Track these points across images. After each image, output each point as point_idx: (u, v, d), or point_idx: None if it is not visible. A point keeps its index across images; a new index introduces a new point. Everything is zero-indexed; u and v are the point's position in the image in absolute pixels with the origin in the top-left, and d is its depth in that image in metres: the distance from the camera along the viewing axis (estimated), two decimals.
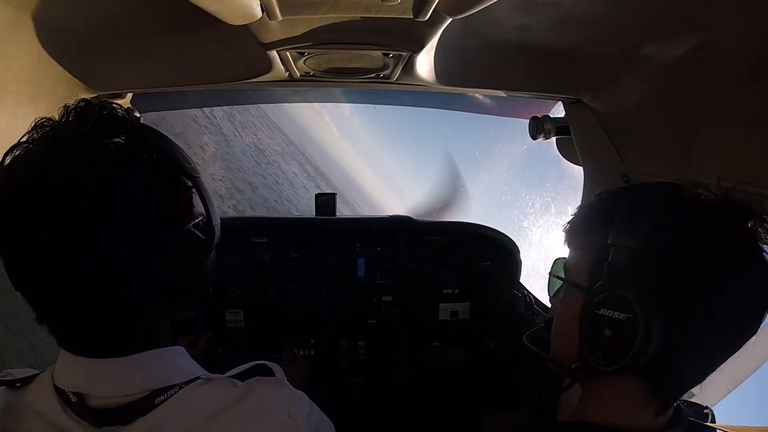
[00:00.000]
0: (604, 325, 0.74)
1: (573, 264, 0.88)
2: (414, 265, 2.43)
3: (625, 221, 0.74)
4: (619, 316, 0.72)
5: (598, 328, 0.75)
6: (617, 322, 0.72)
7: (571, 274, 0.87)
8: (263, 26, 1.02)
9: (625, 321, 0.71)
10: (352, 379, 2.49)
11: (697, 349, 0.72)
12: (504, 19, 1.17)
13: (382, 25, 1.01)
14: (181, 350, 0.85)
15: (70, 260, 0.66)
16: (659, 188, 0.78)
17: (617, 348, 0.72)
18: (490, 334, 2.39)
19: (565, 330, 0.87)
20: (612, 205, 0.81)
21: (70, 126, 0.70)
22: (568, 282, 0.87)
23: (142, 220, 0.71)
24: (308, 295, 2.38)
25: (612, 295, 0.73)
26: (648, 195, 0.76)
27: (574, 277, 0.86)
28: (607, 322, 0.74)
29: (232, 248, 2.29)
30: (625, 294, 0.71)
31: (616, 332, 0.73)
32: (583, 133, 1.61)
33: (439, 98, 2.28)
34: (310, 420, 0.84)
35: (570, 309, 0.84)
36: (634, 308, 0.70)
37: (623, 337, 0.71)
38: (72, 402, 0.73)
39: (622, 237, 0.74)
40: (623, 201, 0.78)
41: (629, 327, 0.70)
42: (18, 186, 0.66)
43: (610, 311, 0.73)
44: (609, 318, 0.73)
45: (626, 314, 0.71)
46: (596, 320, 0.75)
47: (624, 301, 0.71)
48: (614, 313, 0.73)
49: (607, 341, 0.74)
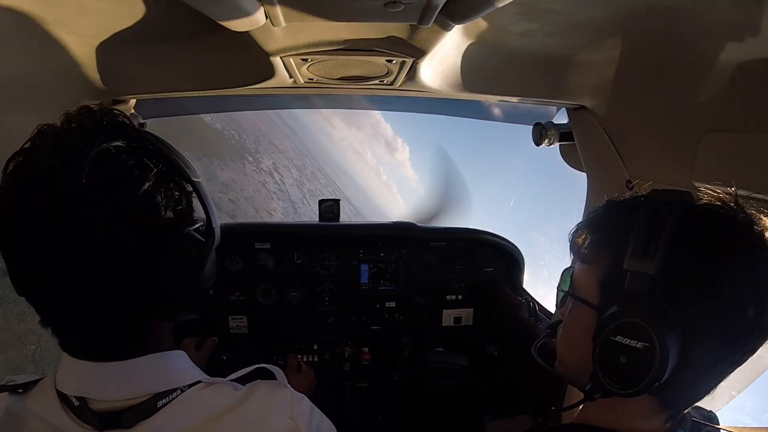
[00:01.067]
0: (620, 352, 0.72)
1: (581, 278, 0.85)
2: (417, 271, 2.43)
3: (641, 245, 0.71)
4: (636, 344, 0.70)
5: (613, 354, 0.73)
6: (634, 350, 0.70)
7: (579, 290, 0.85)
8: (267, 33, 1.02)
9: (641, 349, 0.69)
10: (356, 385, 2.49)
11: (711, 367, 0.72)
12: (507, 26, 1.17)
13: (385, 31, 1.02)
14: (182, 354, 0.85)
15: (73, 264, 0.66)
16: (673, 202, 0.73)
17: (633, 374, 0.71)
18: (493, 339, 2.38)
19: (575, 345, 0.86)
20: (624, 220, 0.78)
21: (72, 133, 0.70)
22: (576, 298, 0.85)
23: (144, 225, 0.71)
24: (311, 301, 2.38)
25: (628, 323, 0.71)
26: (662, 211, 0.73)
27: (582, 292, 0.84)
28: (622, 350, 0.72)
29: (236, 254, 2.29)
30: (642, 323, 0.69)
31: (632, 359, 0.71)
32: (587, 139, 1.60)
33: (443, 104, 2.28)
34: (311, 422, 0.84)
35: (580, 325, 0.83)
36: (651, 337, 0.68)
37: (640, 364, 0.69)
38: (75, 406, 0.74)
39: (637, 262, 0.71)
40: (636, 218, 0.75)
41: (645, 355, 0.69)
42: (21, 192, 0.66)
43: (626, 339, 0.71)
44: (625, 345, 0.71)
45: (643, 342, 0.69)
46: (611, 346, 0.73)
47: (641, 330, 0.69)
48: (630, 341, 0.70)
49: (623, 367, 0.72)
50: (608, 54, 1.27)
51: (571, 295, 0.86)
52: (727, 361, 0.72)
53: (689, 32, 1.03)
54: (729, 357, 0.71)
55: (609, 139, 1.48)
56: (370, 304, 2.44)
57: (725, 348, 0.70)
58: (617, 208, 0.83)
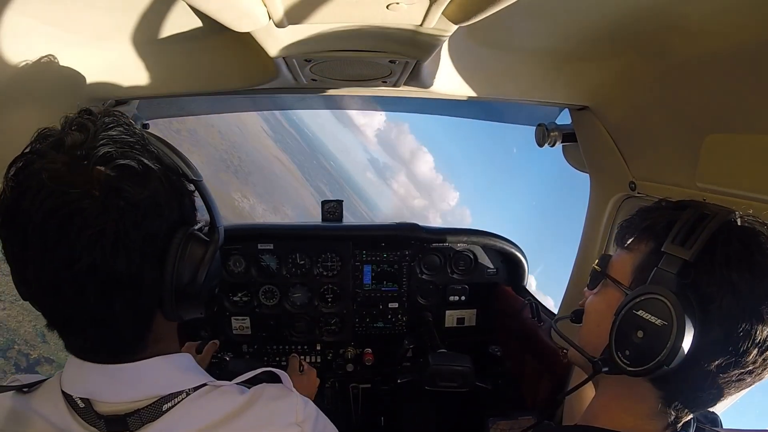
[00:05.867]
0: (638, 327, 0.76)
1: (618, 261, 0.90)
2: (420, 272, 2.43)
3: (683, 233, 0.76)
4: (655, 320, 0.74)
5: (631, 328, 0.77)
6: (652, 326, 0.74)
7: (613, 272, 0.89)
8: (270, 33, 1.02)
9: (660, 327, 0.73)
10: (359, 386, 2.49)
11: (719, 371, 0.73)
12: (510, 27, 1.17)
13: (388, 32, 1.02)
14: (188, 357, 0.85)
15: (77, 267, 0.66)
16: (721, 211, 0.78)
17: (645, 351, 0.74)
18: (496, 340, 2.38)
19: (596, 323, 0.91)
20: (672, 213, 0.82)
21: (74, 136, 0.70)
22: (608, 276, 0.89)
23: (148, 225, 0.72)
24: (314, 302, 2.38)
25: (652, 299, 0.75)
26: (709, 213, 0.77)
27: (615, 273, 0.88)
28: (641, 324, 0.76)
29: (239, 255, 2.30)
30: (666, 301, 0.73)
31: (647, 335, 0.75)
32: (590, 140, 1.60)
33: (445, 105, 2.28)
34: (316, 426, 0.84)
35: (605, 303, 0.88)
36: (671, 316, 0.71)
37: (654, 343, 0.73)
38: (80, 407, 0.74)
39: (676, 247, 0.75)
40: (685, 214, 0.79)
41: (662, 333, 0.72)
42: (23, 196, 0.66)
43: (647, 314, 0.75)
44: (645, 320, 0.75)
45: (662, 320, 0.72)
46: (632, 320, 0.78)
47: (663, 307, 0.73)
48: (651, 317, 0.74)
49: (637, 342, 0.76)
50: (611, 55, 1.27)
51: (605, 274, 0.91)
52: (737, 372, 0.72)
53: (692, 33, 1.03)
54: (738, 367, 0.72)
55: (612, 140, 1.48)
56: (373, 305, 2.44)
57: (735, 354, 0.71)
58: (668, 204, 0.88)
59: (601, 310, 0.90)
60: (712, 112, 1.09)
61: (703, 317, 0.72)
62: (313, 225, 2.44)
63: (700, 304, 0.72)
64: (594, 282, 0.96)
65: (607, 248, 1.65)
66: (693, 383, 0.76)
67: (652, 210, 0.89)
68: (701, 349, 0.71)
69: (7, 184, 0.68)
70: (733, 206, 0.80)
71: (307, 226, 2.44)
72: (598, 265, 0.95)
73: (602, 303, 0.91)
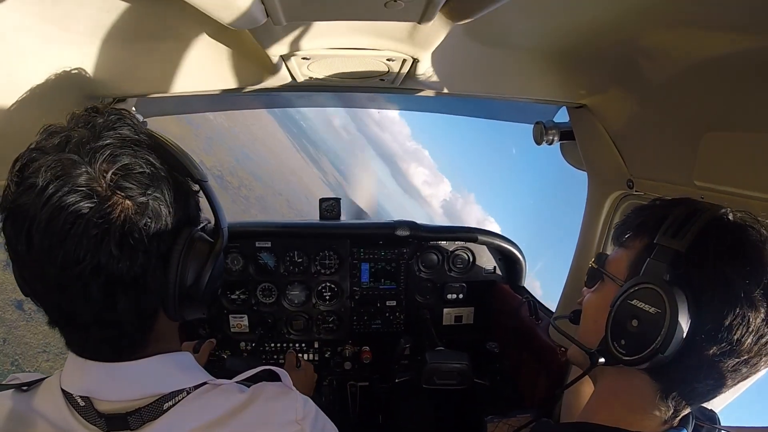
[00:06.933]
0: (633, 316, 0.78)
1: (614, 259, 0.92)
2: (418, 270, 2.44)
3: (675, 225, 0.78)
4: (649, 308, 0.76)
5: (626, 318, 0.80)
6: (646, 314, 0.76)
7: (609, 267, 0.91)
8: (267, 31, 1.02)
9: (654, 315, 0.75)
10: (357, 384, 2.49)
11: (714, 361, 0.74)
12: (508, 25, 1.17)
13: (386, 29, 1.01)
14: (188, 355, 0.85)
15: (80, 264, 0.66)
16: (713, 206, 0.81)
17: (640, 340, 0.76)
18: (493, 338, 2.38)
19: (593, 319, 0.93)
20: (665, 209, 0.85)
21: (81, 132, 0.70)
22: (604, 272, 0.91)
23: (152, 226, 0.71)
24: (312, 299, 2.39)
25: (645, 288, 0.77)
26: (701, 208, 0.80)
27: (612, 270, 0.90)
28: (636, 313, 0.78)
29: (237, 253, 2.30)
30: (659, 290, 0.74)
31: (642, 324, 0.77)
32: (588, 138, 1.60)
33: (443, 102, 2.28)
34: (315, 424, 0.84)
35: (602, 300, 0.89)
36: (664, 304, 0.73)
37: (648, 331, 0.75)
38: (80, 406, 0.74)
39: (668, 239, 0.77)
40: (677, 209, 0.81)
41: (656, 321, 0.74)
42: (29, 192, 0.66)
43: (641, 303, 0.77)
44: (639, 309, 0.77)
45: (656, 308, 0.74)
46: (626, 309, 0.80)
47: (656, 296, 0.75)
48: (645, 305, 0.76)
49: (632, 331, 0.78)
50: (608, 53, 1.27)
51: (602, 270, 0.93)
52: (732, 361, 0.73)
53: (690, 30, 1.03)
54: (734, 356, 0.73)
55: (610, 138, 1.48)
56: (370, 303, 2.44)
57: (730, 343, 0.72)
58: (662, 201, 0.90)
59: (598, 307, 0.91)
60: (711, 110, 1.10)
61: (697, 306, 0.73)
62: (311, 223, 2.44)
63: (693, 293, 0.74)
64: (592, 280, 0.98)
65: (605, 246, 1.66)
66: (689, 374, 0.77)
67: (646, 208, 0.91)
68: (696, 338, 0.73)
69: (12, 180, 0.68)
70: (731, 204, 0.81)
71: (305, 224, 2.44)
72: (595, 263, 0.96)
73: (599, 300, 0.92)
